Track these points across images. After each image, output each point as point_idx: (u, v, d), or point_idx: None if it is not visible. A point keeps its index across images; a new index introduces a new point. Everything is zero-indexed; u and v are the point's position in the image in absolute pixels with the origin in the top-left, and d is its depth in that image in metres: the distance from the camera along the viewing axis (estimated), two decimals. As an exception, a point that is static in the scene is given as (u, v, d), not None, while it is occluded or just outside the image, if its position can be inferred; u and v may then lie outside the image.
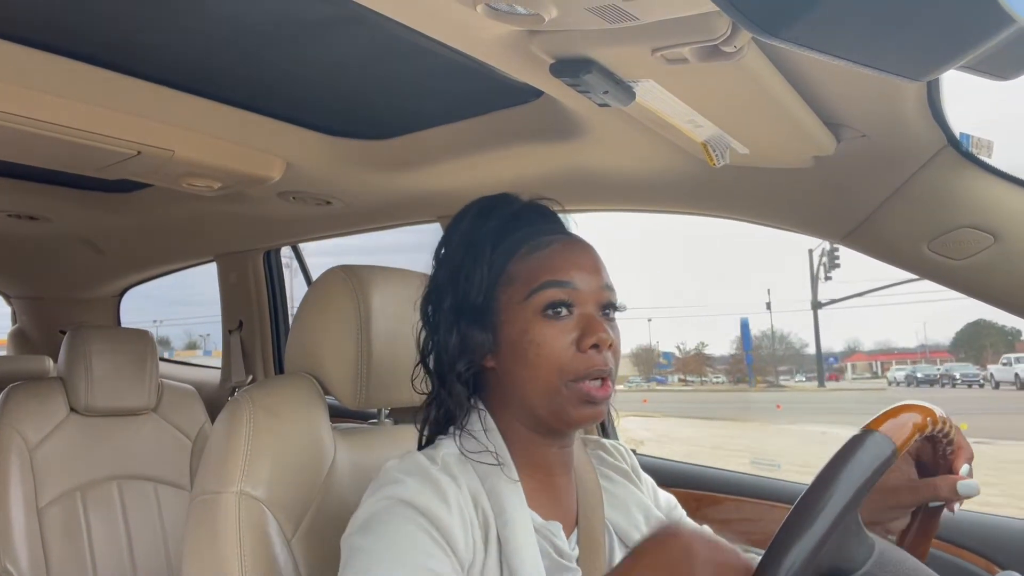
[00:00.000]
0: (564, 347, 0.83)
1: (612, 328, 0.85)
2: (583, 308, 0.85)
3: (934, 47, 0.60)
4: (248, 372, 2.60)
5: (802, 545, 0.57)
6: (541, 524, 0.84)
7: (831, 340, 55.45)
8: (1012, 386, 18.77)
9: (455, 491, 0.80)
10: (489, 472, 0.84)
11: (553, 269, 0.85)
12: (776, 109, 1.02)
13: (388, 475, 0.80)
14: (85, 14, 1.03)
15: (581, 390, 0.82)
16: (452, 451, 0.85)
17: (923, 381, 23.67)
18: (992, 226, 1.15)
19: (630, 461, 1.04)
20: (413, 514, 0.76)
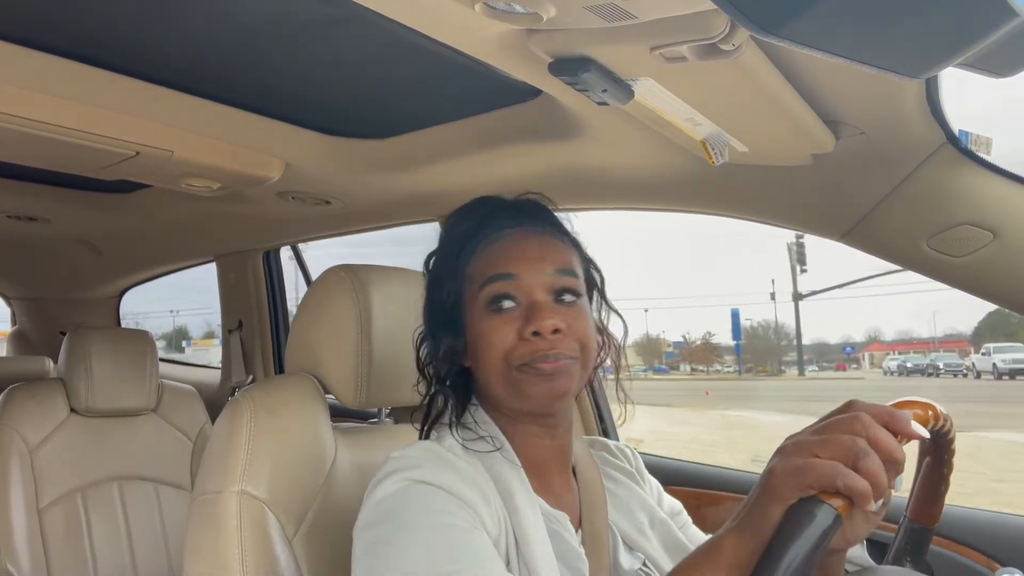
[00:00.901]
0: (509, 337, 0.84)
1: (569, 313, 0.85)
2: (530, 297, 0.85)
3: (932, 44, 0.60)
4: (248, 372, 2.60)
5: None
6: (548, 511, 0.85)
7: (852, 329, 55.56)
8: (991, 375, 18.95)
9: (469, 470, 0.81)
10: (492, 460, 0.85)
11: (497, 263, 0.87)
12: (775, 107, 1.02)
13: (399, 461, 0.80)
14: (83, 15, 1.03)
15: (531, 369, 0.83)
16: (455, 443, 0.87)
17: (912, 371, 24.21)
18: (991, 223, 1.15)
19: (635, 462, 1.04)
20: (436, 491, 0.76)
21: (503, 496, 0.82)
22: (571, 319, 0.85)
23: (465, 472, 0.80)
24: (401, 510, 0.75)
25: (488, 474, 0.83)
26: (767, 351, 33.68)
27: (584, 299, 0.89)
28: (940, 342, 27.86)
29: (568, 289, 0.87)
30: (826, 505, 0.58)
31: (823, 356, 36.00)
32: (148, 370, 2.02)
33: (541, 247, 0.88)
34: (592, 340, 0.88)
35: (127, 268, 2.88)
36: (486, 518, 0.77)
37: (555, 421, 0.89)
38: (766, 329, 34.78)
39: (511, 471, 0.84)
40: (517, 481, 0.84)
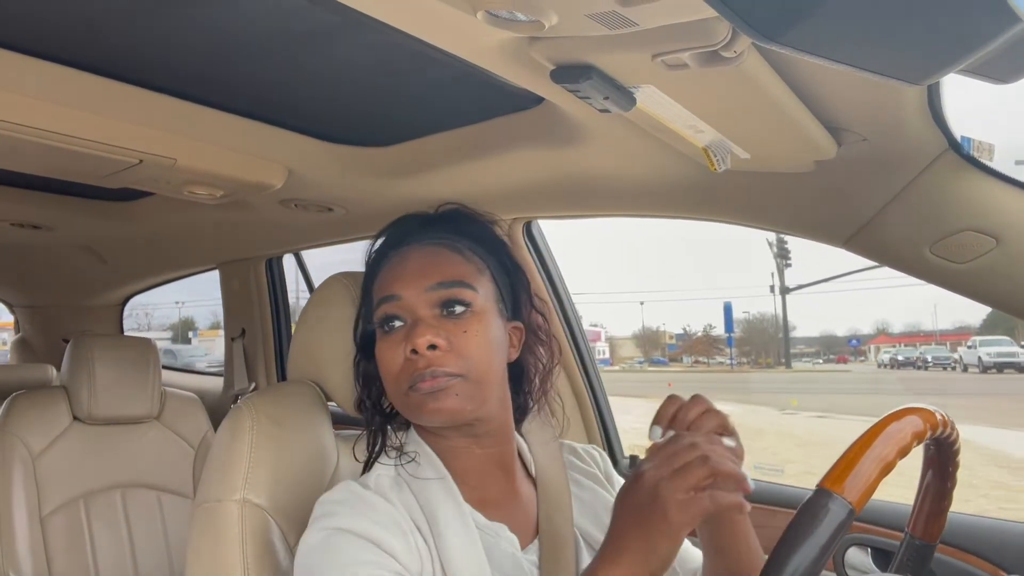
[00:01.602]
0: (396, 359, 0.84)
1: (456, 327, 0.84)
2: (413, 314, 0.85)
3: (934, 50, 0.60)
4: (251, 380, 2.61)
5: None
6: (484, 523, 0.85)
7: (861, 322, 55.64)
8: (976, 368, 18.83)
9: (388, 508, 0.81)
10: (423, 487, 0.85)
11: (384, 284, 0.88)
12: (776, 114, 1.02)
13: (321, 507, 0.82)
14: (86, 23, 1.04)
15: (416, 389, 0.83)
16: (387, 473, 0.87)
17: (903, 363, 24.14)
18: (994, 229, 1.15)
19: (603, 466, 1.04)
20: (352, 538, 0.77)
21: (429, 521, 0.82)
22: (456, 333, 0.83)
23: (382, 512, 0.80)
24: (318, 563, 0.77)
25: (416, 500, 0.84)
26: (767, 343, 33.72)
27: (482, 310, 0.86)
28: (950, 335, 27.78)
29: (455, 300, 0.85)
30: (840, 499, 0.58)
31: (830, 348, 35.97)
32: (151, 378, 2.02)
33: (424, 261, 0.88)
34: (486, 352, 0.85)
35: (130, 276, 2.89)
36: (404, 558, 0.78)
37: (476, 431, 0.88)
38: (762, 322, 34.89)
39: (440, 488, 0.85)
40: (446, 498, 0.84)
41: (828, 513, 0.58)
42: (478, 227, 0.94)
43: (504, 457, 0.92)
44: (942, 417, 0.73)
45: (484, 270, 0.90)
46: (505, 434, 0.92)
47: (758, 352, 34.14)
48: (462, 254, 0.90)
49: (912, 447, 0.69)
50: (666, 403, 0.82)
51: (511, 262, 0.95)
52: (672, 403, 0.81)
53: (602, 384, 1.95)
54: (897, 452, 0.66)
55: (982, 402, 11.50)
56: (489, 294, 0.89)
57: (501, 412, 0.91)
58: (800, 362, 32.73)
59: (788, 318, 35.14)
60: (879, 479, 0.64)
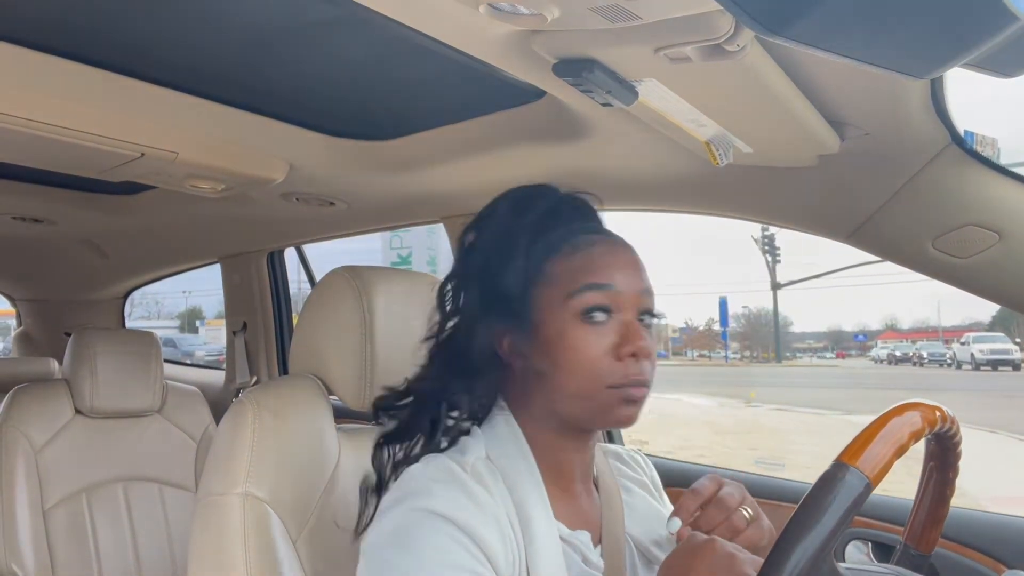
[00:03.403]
0: (602, 354, 0.79)
1: (649, 335, 0.82)
2: (623, 314, 0.81)
3: (938, 44, 0.60)
4: (252, 373, 2.61)
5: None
6: (569, 535, 0.81)
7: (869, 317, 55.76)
8: (969, 365, 18.76)
9: (489, 499, 0.75)
10: (517, 481, 0.79)
11: (594, 271, 0.81)
12: (779, 108, 1.01)
13: (415, 482, 0.76)
14: (88, 17, 1.04)
15: (620, 393, 0.79)
16: (480, 455, 0.81)
17: (900, 359, 24.22)
18: (997, 224, 1.14)
19: (649, 473, 1.01)
20: (449, 528, 0.71)
21: (521, 521, 0.77)
22: (651, 344, 0.82)
23: (482, 501, 0.74)
24: (411, 547, 0.71)
25: (509, 494, 0.78)
26: (767, 338, 33.84)
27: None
28: (960, 331, 27.72)
29: (650, 311, 0.83)
30: (857, 471, 0.59)
31: (838, 343, 36.05)
32: (153, 371, 2.02)
33: (633, 261, 0.84)
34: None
35: (132, 269, 2.89)
36: (499, 558, 0.73)
37: (592, 435, 0.86)
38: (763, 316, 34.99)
39: (533, 492, 0.79)
40: (538, 505, 0.79)
41: (845, 484, 0.60)
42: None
43: (589, 464, 0.89)
44: (941, 414, 0.73)
45: None
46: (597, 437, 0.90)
47: (760, 347, 34.23)
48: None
49: (924, 433, 0.69)
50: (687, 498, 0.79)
51: None
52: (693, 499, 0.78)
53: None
54: (910, 435, 0.67)
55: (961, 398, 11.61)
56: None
57: None
58: (802, 357, 32.84)
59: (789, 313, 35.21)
60: (894, 458, 0.65)
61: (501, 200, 0.88)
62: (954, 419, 0.75)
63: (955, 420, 0.76)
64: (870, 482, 0.59)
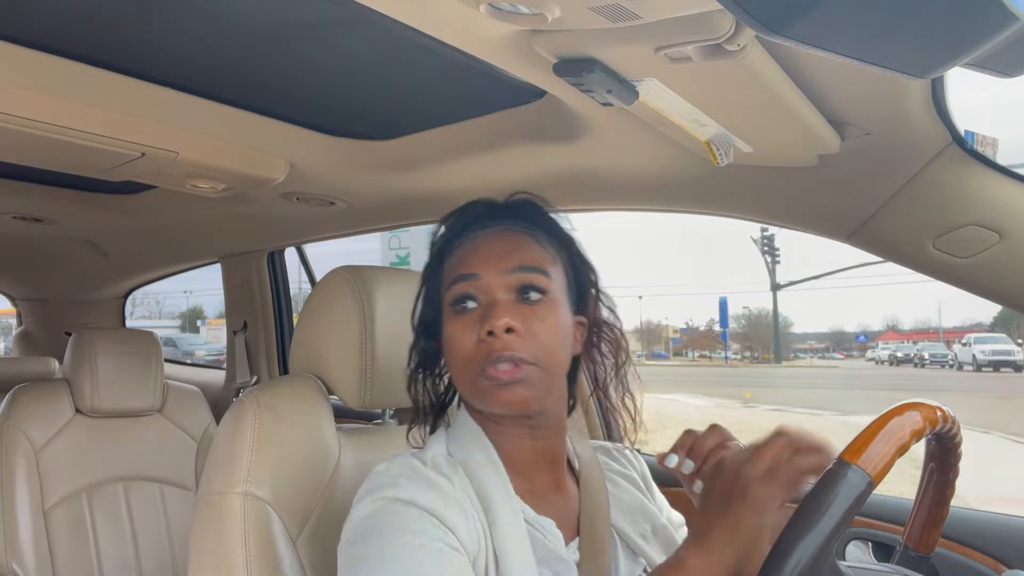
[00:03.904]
0: (469, 340, 0.83)
1: (532, 313, 0.83)
2: (490, 296, 0.84)
3: (938, 44, 0.60)
4: (253, 373, 2.61)
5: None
6: (533, 517, 0.84)
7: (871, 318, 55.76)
8: (970, 366, 18.78)
9: (448, 485, 0.80)
10: (476, 469, 0.84)
11: (460, 264, 0.87)
12: (780, 107, 1.01)
13: (380, 478, 0.80)
14: (88, 17, 1.04)
15: (489, 376, 0.81)
16: (440, 451, 0.86)
17: (903, 360, 24.29)
18: (997, 224, 1.14)
19: (639, 468, 1.02)
20: (414, 510, 0.76)
21: (484, 506, 0.81)
22: (532, 319, 0.82)
23: (445, 489, 0.79)
24: (380, 531, 0.75)
25: (471, 483, 0.82)
26: (767, 339, 33.89)
27: (554, 299, 0.86)
28: (962, 331, 27.70)
29: (532, 286, 0.84)
30: (858, 469, 0.60)
31: (840, 344, 36.13)
32: (153, 371, 2.02)
33: (505, 244, 0.87)
34: (557, 342, 0.85)
35: (133, 269, 2.89)
36: (464, 537, 0.77)
37: (535, 423, 0.87)
38: (764, 317, 35.03)
39: (494, 476, 0.83)
40: (499, 487, 0.82)
41: (847, 482, 0.61)
42: (550, 219, 0.94)
43: (555, 451, 0.91)
44: (942, 414, 0.73)
45: (557, 260, 0.90)
46: (559, 428, 0.91)
47: (760, 347, 34.28)
48: (539, 242, 0.89)
49: (925, 432, 0.69)
50: (684, 435, 0.86)
51: (580, 256, 0.94)
52: (689, 435, 0.85)
53: (608, 388, 1.95)
54: (912, 434, 0.67)
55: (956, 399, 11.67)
56: (561, 284, 0.88)
57: (558, 406, 0.90)
58: (807, 357, 32.95)
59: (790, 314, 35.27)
60: (895, 457, 0.66)
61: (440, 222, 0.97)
62: (954, 419, 0.75)
63: (955, 420, 0.76)
64: (872, 480, 0.60)
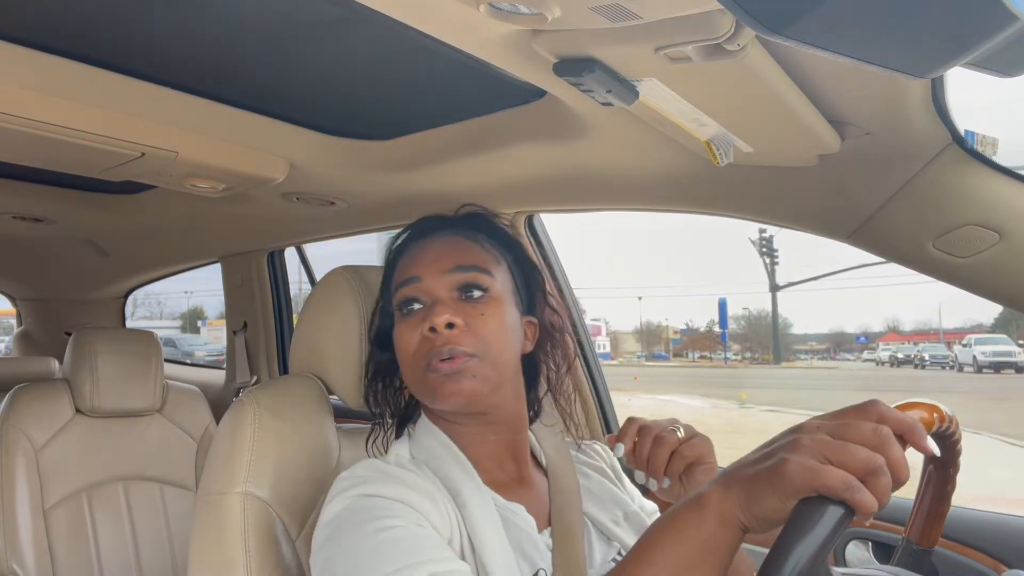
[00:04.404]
0: (414, 339, 0.86)
1: (473, 310, 0.86)
2: (432, 296, 0.87)
3: (939, 44, 0.60)
4: (252, 373, 2.61)
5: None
6: (502, 503, 0.86)
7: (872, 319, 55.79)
8: (971, 368, 18.67)
9: (416, 479, 0.82)
10: (440, 464, 0.86)
11: (404, 270, 0.91)
12: (780, 107, 1.01)
13: (344, 481, 0.81)
14: (88, 16, 1.04)
15: (433, 369, 0.84)
16: (403, 453, 0.89)
17: (903, 361, 24.31)
18: (998, 224, 1.14)
19: (608, 460, 1.06)
20: (382, 500, 0.77)
21: (452, 496, 0.82)
22: (473, 315, 0.85)
23: (411, 480, 0.80)
24: (348, 524, 0.75)
25: (437, 478, 0.84)
26: (767, 340, 33.93)
27: (496, 296, 0.89)
28: (963, 332, 27.70)
29: (472, 284, 0.87)
30: (836, 503, 0.57)
31: (840, 345, 36.19)
32: (153, 371, 2.03)
33: (444, 247, 0.91)
34: (501, 337, 0.87)
35: (133, 269, 2.89)
36: (435, 519, 0.78)
37: (489, 419, 0.90)
38: (764, 318, 35.07)
39: (459, 469, 0.85)
40: (466, 478, 0.85)
41: (825, 514, 0.57)
42: (495, 225, 0.98)
43: (517, 446, 0.94)
44: (939, 414, 0.72)
45: (501, 261, 0.93)
46: (518, 424, 0.94)
47: (760, 348, 34.33)
48: (480, 244, 0.93)
49: None
50: (627, 423, 0.92)
51: (526, 260, 0.98)
52: (632, 423, 0.92)
53: (603, 377, 1.96)
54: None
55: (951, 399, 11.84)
56: (506, 284, 0.92)
57: (514, 402, 0.93)
58: (807, 358, 33.01)
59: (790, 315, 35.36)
60: None
61: (391, 240, 0.99)
62: (952, 418, 0.75)
63: (954, 419, 0.76)
64: (850, 510, 0.58)
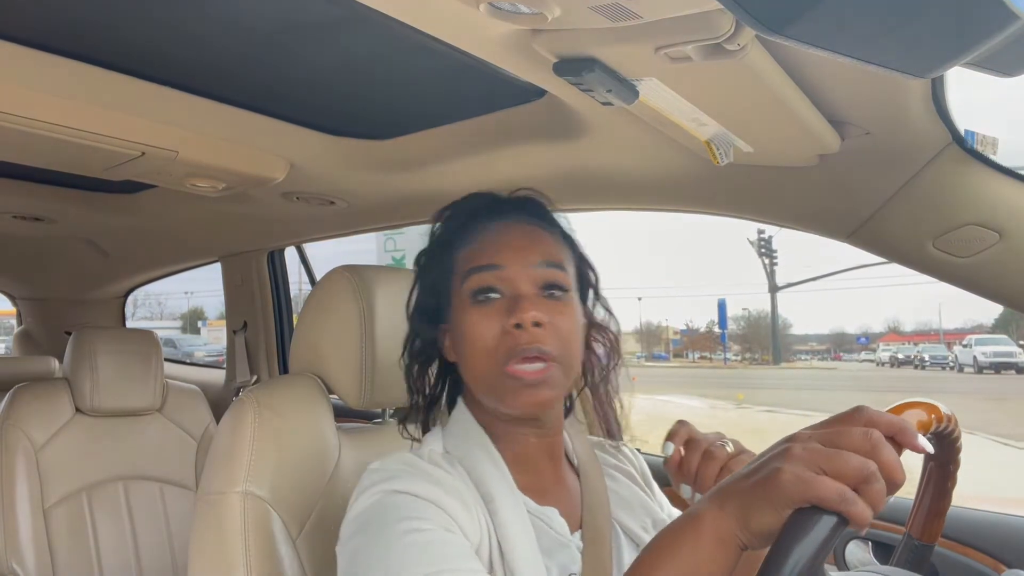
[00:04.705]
0: (492, 331, 0.81)
1: (554, 308, 0.82)
2: (514, 289, 0.82)
3: (939, 44, 0.60)
4: (252, 372, 2.61)
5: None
6: (535, 508, 0.83)
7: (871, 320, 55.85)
8: (971, 368, 18.37)
9: (448, 478, 0.79)
10: (475, 462, 0.82)
11: (481, 254, 0.84)
12: (780, 107, 1.01)
13: (375, 474, 0.78)
14: (88, 16, 1.04)
15: (513, 374, 0.80)
16: (437, 448, 0.85)
17: (903, 362, 24.21)
18: (997, 223, 1.14)
19: (637, 464, 1.02)
20: (412, 498, 0.74)
21: (485, 500, 0.80)
22: (555, 315, 0.82)
23: (442, 480, 0.77)
24: (376, 521, 0.73)
25: (470, 478, 0.81)
26: (767, 340, 33.94)
27: (572, 297, 0.86)
28: (964, 333, 27.65)
29: (555, 284, 0.84)
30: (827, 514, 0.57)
31: (841, 345, 36.25)
32: (153, 370, 2.03)
33: (527, 238, 0.86)
34: (576, 341, 0.85)
35: (133, 268, 2.89)
36: (465, 524, 0.75)
37: (541, 422, 0.87)
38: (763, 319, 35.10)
39: (493, 471, 0.82)
40: (500, 481, 0.81)
41: (818, 524, 0.56)
42: (556, 217, 0.94)
43: (555, 448, 0.90)
44: (937, 414, 0.72)
45: (571, 258, 0.90)
46: (559, 425, 0.91)
47: (760, 349, 34.36)
48: (556, 237, 0.89)
49: (930, 429, 0.69)
50: (677, 425, 0.85)
51: (584, 256, 0.94)
52: (683, 427, 0.85)
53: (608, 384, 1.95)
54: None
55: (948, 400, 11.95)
56: (574, 283, 0.89)
57: (561, 403, 0.91)
58: (808, 359, 33.08)
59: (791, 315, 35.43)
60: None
61: (438, 215, 0.93)
62: (951, 416, 0.75)
63: (952, 417, 0.76)
64: (841, 519, 0.58)
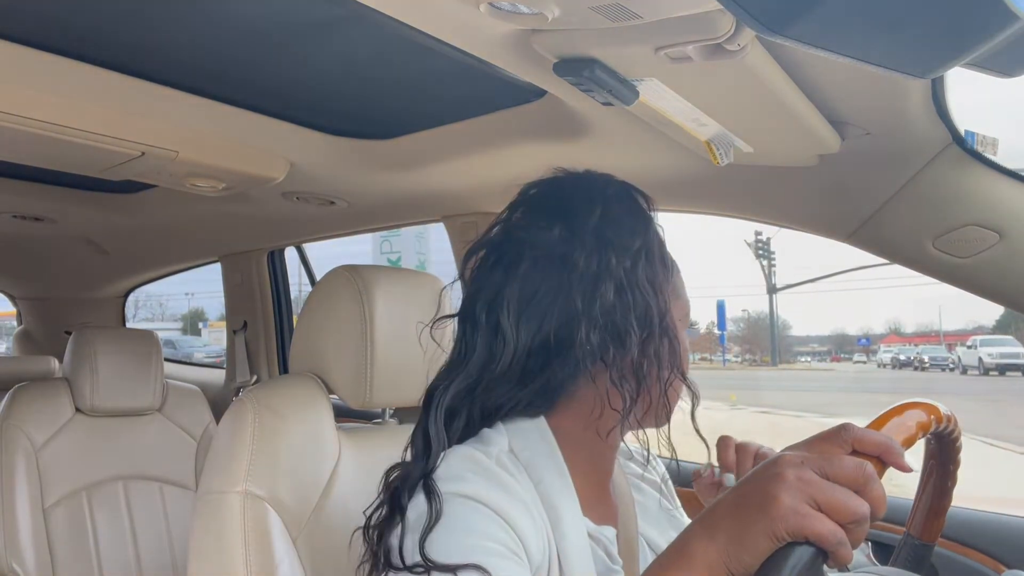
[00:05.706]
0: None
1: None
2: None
3: (939, 44, 0.60)
4: (252, 372, 2.61)
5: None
6: (594, 529, 0.79)
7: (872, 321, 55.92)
8: (976, 370, 17.92)
9: (518, 489, 0.72)
10: (543, 475, 0.76)
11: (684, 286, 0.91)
12: (780, 107, 1.01)
13: (443, 468, 0.72)
14: (88, 15, 1.04)
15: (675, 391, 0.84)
16: (503, 448, 0.77)
17: (904, 363, 24.09)
18: (998, 224, 1.14)
19: (661, 471, 1.00)
20: (482, 508, 0.68)
21: (549, 514, 0.74)
22: None
23: (511, 487, 0.71)
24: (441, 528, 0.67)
25: (536, 489, 0.75)
26: (767, 342, 34.01)
27: None
28: (966, 334, 27.59)
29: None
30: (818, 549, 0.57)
31: (842, 347, 36.33)
32: (153, 370, 2.03)
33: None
34: None
35: (133, 268, 2.89)
36: (531, 544, 0.70)
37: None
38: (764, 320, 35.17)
39: (560, 485, 0.76)
40: (566, 499, 0.76)
41: (808, 554, 0.55)
42: None
43: (611, 461, 0.87)
44: (936, 415, 0.72)
45: None
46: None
47: (760, 350, 34.41)
48: None
49: (918, 438, 0.69)
50: (723, 448, 0.90)
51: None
52: (727, 449, 0.91)
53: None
54: (903, 441, 0.66)
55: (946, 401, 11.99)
56: None
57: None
58: (809, 360, 33.15)
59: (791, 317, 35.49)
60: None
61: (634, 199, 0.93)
62: (951, 416, 0.75)
63: (952, 417, 0.76)
64: (822, 552, 0.58)
